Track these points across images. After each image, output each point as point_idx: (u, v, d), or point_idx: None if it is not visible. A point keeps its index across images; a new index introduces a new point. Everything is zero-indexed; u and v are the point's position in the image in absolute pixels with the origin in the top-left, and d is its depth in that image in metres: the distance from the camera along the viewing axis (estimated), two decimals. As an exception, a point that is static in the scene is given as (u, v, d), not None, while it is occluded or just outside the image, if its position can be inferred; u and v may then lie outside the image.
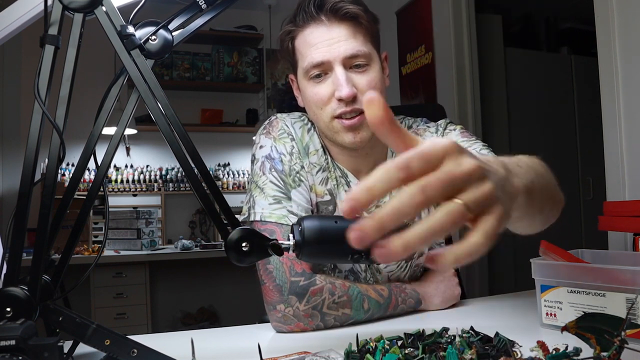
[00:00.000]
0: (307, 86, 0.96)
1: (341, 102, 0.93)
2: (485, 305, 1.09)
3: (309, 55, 0.94)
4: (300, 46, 0.97)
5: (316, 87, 0.95)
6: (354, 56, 0.93)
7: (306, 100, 0.99)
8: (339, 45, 0.93)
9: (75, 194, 0.65)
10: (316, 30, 0.94)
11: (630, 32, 1.63)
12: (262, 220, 0.94)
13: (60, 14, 0.61)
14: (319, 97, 0.95)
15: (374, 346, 0.64)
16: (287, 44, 0.99)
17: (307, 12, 0.94)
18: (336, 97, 0.92)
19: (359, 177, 1.03)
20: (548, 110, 3.23)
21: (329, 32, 0.94)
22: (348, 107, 0.93)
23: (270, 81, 4.20)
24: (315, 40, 0.94)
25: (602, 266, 0.78)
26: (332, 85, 0.93)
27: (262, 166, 0.98)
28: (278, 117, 1.04)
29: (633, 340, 0.60)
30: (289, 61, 1.02)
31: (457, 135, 1.07)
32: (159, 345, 0.62)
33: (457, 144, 0.42)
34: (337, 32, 0.94)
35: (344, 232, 0.68)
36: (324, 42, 0.93)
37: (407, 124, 1.11)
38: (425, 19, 2.98)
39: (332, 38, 0.93)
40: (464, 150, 0.42)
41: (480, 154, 1.01)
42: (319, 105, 0.96)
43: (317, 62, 0.93)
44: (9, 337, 0.52)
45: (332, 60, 0.93)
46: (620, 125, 1.67)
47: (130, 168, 3.88)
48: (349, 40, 0.93)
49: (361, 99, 0.94)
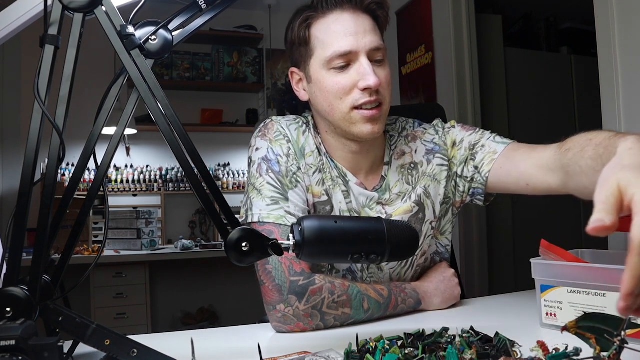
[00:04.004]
0: (326, 76, 0.95)
1: (365, 92, 0.93)
2: (485, 305, 1.09)
3: (335, 44, 0.93)
4: (322, 33, 0.95)
5: (338, 77, 0.94)
6: (377, 49, 0.94)
7: (322, 91, 0.97)
8: (365, 36, 0.93)
9: (75, 194, 0.65)
10: (341, 17, 0.94)
11: (630, 32, 1.63)
12: (260, 221, 0.94)
13: (60, 14, 0.61)
14: (340, 86, 0.94)
15: (374, 346, 0.64)
16: (302, 32, 0.97)
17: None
18: (361, 86, 0.92)
19: (357, 175, 1.03)
20: (548, 110, 3.23)
21: (355, 21, 0.93)
22: (372, 96, 0.93)
23: (270, 81, 4.20)
24: (342, 28, 0.93)
25: (602, 266, 0.78)
26: (354, 75, 0.93)
27: (259, 168, 0.99)
28: (273, 119, 1.04)
29: (633, 340, 0.60)
30: (298, 52, 1.00)
31: (460, 132, 1.08)
32: (159, 345, 0.62)
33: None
34: (362, 22, 0.94)
35: (344, 232, 0.68)
36: (350, 31, 0.93)
37: (400, 126, 1.11)
38: (425, 19, 2.98)
39: (358, 27, 0.93)
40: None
41: (495, 142, 1.02)
42: (338, 95, 0.95)
43: (344, 51, 0.92)
44: (9, 337, 0.52)
45: (359, 51, 0.92)
46: (620, 125, 1.67)
47: (130, 168, 3.88)
48: (372, 33, 0.94)
49: (381, 91, 0.94)
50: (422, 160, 1.07)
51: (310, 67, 0.98)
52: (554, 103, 3.28)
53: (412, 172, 1.06)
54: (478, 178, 1.03)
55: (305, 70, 1.00)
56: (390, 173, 1.06)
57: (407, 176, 1.06)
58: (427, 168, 1.06)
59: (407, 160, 1.07)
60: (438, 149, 1.07)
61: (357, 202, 1.02)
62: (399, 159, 1.07)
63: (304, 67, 1.00)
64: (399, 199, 1.04)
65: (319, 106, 1.00)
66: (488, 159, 1.01)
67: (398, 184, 1.05)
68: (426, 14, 2.97)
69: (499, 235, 2.96)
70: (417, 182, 1.06)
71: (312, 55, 0.97)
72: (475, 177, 1.04)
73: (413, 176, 1.06)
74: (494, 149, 1.01)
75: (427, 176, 1.06)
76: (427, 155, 1.07)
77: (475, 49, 2.81)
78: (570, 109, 3.36)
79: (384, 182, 1.05)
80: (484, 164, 1.01)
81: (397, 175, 1.06)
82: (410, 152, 1.08)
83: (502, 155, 0.99)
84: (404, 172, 1.06)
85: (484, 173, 1.01)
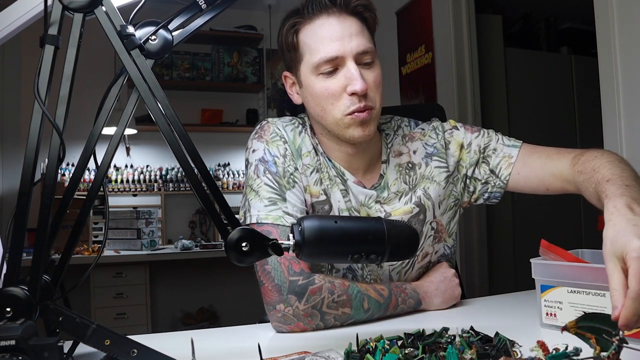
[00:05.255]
0: (315, 81, 0.95)
1: (353, 97, 0.93)
2: (485, 305, 1.09)
3: (322, 50, 0.93)
4: (309, 39, 0.95)
5: (326, 82, 0.94)
6: (364, 52, 0.94)
7: (313, 96, 0.97)
8: (351, 40, 0.93)
9: (75, 194, 0.65)
10: (327, 22, 0.94)
11: (630, 32, 1.63)
12: (258, 222, 0.94)
13: (60, 14, 0.61)
14: (329, 91, 0.94)
15: (374, 346, 0.64)
16: (290, 37, 0.97)
17: (318, 3, 0.94)
18: (349, 91, 0.92)
19: (355, 174, 1.04)
20: (548, 110, 3.23)
21: (340, 25, 0.93)
22: (361, 103, 0.93)
23: (270, 81, 4.20)
24: (328, 33, 0.93)
25: (602, 266, 0.78)
26: (342, 79, 0.93)
27: (256, 169, 0.99)
28: (269, 120, 1.05)
29: (633, 340, 0.60)
30: (289, 57, 1.00)
31: (465, 134, 1.08)
32: (159, 345, 0.62)
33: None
34: (349, 25, 0.94)
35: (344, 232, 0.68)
36: (336, 35, 0.93)
37: (395, 124, 1.12)
38: (425, 19, 2.98)
39: (344, 31, 0.93)
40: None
41: (505, 144, 1.05)
42: (329, 101, 0.95)
43: (330, 56, 0.92)
44: (9, 337, 0.52)
45: (345, 56, 0.92)
46: (620, 125, 1.67)
47: (130, 168, 3.88)
48: (359, 36, 0.94)
49: (370, 94, 0.94)
50: (420, 162, 1.07)
51: (301, 72, 0.99)
52: (554, 103, 3.28)
53: (410, 173, 1.06)
54: (497, 182, 1.05)
55: (296, 74, 1.01)
56: (389, 171, 1.06)
57: (404, 175, 1.06)
58: (425, 170, 1.07)
59: (405, 160, 1.07)
60: (436, 152, 1.08)
61: (356, 200, 1.02)
62: (396, 158, 1.07)
63: (295, 72, 1.01)
64: (397, 198, 1.04)
65: (311, 110, 1.00)
66: (505, 163, 1.04)
67: (396, 183, 1.05)
68: (426, 14, 2.97)
69: (499, 235, 2.96)
70: (415, 183, 1.06)
71: (301, 61, 0.97)
72: (492, 181, 1.06)
73: (410, 176, 1.06)
74: (508, 152, 1.04)
75: (426, 178, 1.06)
76: (425, 158, 1.07)
77: (475, 49, 2.81)
78: (570, 109, 3.36)
79: (383, 180, 1.05)
80: (501, 168, 1.04)
81: (395, 173, 1.06)
82: (408, 152, 1.08)
83: (518, 160, 1.03)
84: (402, 171, 1.06)
85: (504, 177, 1.04)
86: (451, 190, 1.08)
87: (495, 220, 2.94)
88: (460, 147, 1.08)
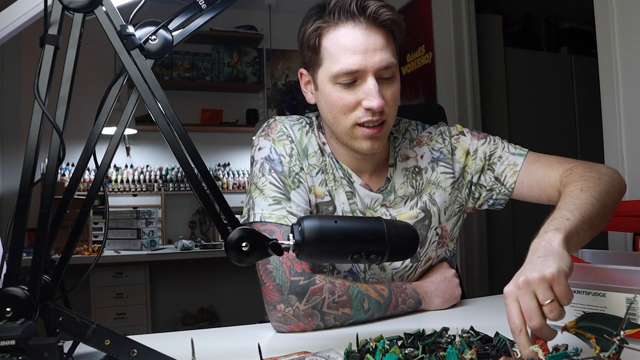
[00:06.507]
0: (332, 89, 0.94)
1: (368, 111, 0.92)
2: (485, 305, 1.09)
3: (343, 61, 0.90)
4: (331, 46, 0.93)
5: (343, 93, 0.93)
6: (386, 68, 0.92)
7: (328, 103, 0.96)
8: (374, 55, 0.90)
9: (75, 194, 0.65)
10: (353, 32, 0.91)
11: (630, 32, 1.63)
12: (261, 221, 0.94)
13: (60, 14, 0.61)
14: (344, 102, 0.93)
15: (374, 346, 0.64)
16: (313, 40, 0.94)
17: (347, 10, 0.91)
18: (365, 106, 0.91)
19: (361, 176, 1.03)
20: (548, 110, 3.23)
21: (366, 38, 0.91)
22: (375, 116, 0.92)
23: (270, 81, 4.20)
24: (352, 44, 0.90)
25: (602, 266, 0.78)
26: (360, 93, 0.92)
27: (261, 167, 0.98)
28: (277, 119, 1.04)
29: (633, 340, 0.60)
30: (308, 56, 0.98)
31: (472, 140, 1.08)
32: (159, 345, 0.62)
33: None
34: (374, 39, 0.91)
35: (344, 232, 0.68)
36: (360, 48, 0.90)
37: (403, 127, 1.11)
38: (425, 19, 2.98)
39: (369, 45, 0.90)
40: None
41: (511, 152, 1.04)
42: (342, 111, 0.94)
43: (351, 70, 0.90)
44: (9, 337, 0.52)
45: (366, 70, 0.91)
46: (620, 125, 1.67)
47: (130, 168, 3.87)
48: (383, 51, 0.91)
49: (385, 109, 0.93)
50: (427, 166, 1.07)
51: (318, 76, 0.97)
52: (554, 103, 3.28)
53: (416, 177, 1.06)
54: (502, 189, 1.05)
55: (313, 75, 0.99)
56: (396, 175, 1.05)
57: (411, 180, 1.06)
58: (431, 175, 1.06)
59: (412, 164, 1.07)
60: (443, 157, 1.07)
61: (361, 203, 1.02)
62: (403, 162, 1.07)
63: (312, 73, 0.99)
64: (403, 202, 1.04)
65: (324, 114, 1.00)
66: (510, 171, 1.03)
67: (403, 186, 1.05)
68: (426, 14, 2.97)
69: (499, 235, 2.96)
70: (421, 187, 1.06)
71: (321, 65, 0.95)
72: (496, 188, 1.05)
73: (417, 181, 1.06)
74: (513, 161, 1.04)
75: (432, 183, 1.06)
76: (432, 163, 1.07)
77: (475, 49, 2.81)
78: (570, 109, 3.35)
79: (389, 183, 1.05)
80: (506, 176, 1.04)
81: (402, 177, 1.05)
82: (415, 156, 1.08)
83: (523, 169, 1.02)
84: (409, 175, 1.06)
85: (509, 185, 1.04)
86: (456, 196, 1.08)
87: (495, 220, 2.94)
88: (466, 154, 1.07)
